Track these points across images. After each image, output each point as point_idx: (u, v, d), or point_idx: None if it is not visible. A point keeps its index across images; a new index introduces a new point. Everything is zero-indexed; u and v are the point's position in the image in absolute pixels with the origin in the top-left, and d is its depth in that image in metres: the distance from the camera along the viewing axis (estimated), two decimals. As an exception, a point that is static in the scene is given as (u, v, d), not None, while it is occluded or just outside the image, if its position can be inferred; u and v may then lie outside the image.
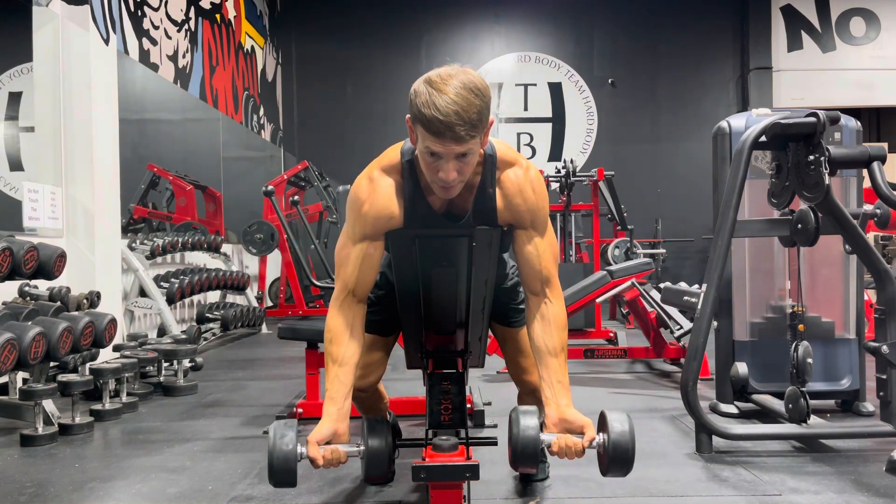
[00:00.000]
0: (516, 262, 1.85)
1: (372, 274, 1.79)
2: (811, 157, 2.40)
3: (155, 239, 5.18)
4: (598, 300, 4.56)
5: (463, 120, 1.51)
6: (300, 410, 3.14)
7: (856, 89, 10.06)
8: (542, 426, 1.69)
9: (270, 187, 5.87)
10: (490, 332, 2.09)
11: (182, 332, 4.72)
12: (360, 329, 1.80)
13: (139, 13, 5.86)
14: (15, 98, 5.82)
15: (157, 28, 6.22)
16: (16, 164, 5.85)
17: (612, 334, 5.26)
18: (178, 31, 6.74)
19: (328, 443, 1.67)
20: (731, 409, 3.09)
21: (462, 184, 1.66)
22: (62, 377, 3.18)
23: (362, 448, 1.71)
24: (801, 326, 2.64)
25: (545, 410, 1.75)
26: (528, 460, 1.65)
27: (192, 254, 6.19)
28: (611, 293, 4.44)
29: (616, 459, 1.61)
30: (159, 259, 5.28)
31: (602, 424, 1.67)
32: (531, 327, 1.80)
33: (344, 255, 1.79)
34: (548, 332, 1.78)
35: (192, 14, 7.09)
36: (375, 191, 1.73)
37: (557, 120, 10.37)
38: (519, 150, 9.59)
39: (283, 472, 1.60)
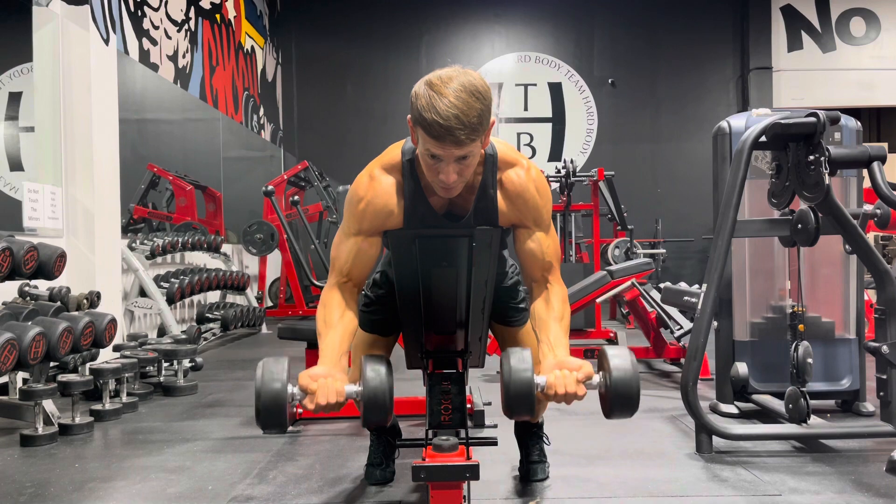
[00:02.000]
0: (518, 258, 1.85)
1: (366, 268, 1.80)
2: (811, 157, 2.40)
3: (155, 239, 5.18)
4: (598, 300, 4.56)
5: (463, 124, 1.51)
6: (300, 410, 3.13)
7: (856, 89, 10.06)
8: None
9: (270, 187, 5.88)
10: (490, 332, 2.09)
11: (182, 332, 4.72)
12: (354, 306, 1.78)
13: (139, 13, 5.86)
14: (15, 98, 5.82)
15: (157, 28, 6.22)
16: (16, 164, 5.85)
17: (612, 334, 5.26)
18: (178, 31, 6.74)
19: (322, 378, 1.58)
20: (731, 409, 3.09)
21: (463, 184, 1.66)
22: (62, 377, 3.17)
23: (361, 389, 1.61)
24: (801, 326, 2.64)
25: (542, 362, 1.68)
26: (523, 404, 1.57)
27: (192, 254, 6.19)
28: (611, 293, 4.44)
29: (619, 398, 1.53)
30: (159, 259, 5.28)
31: (602, 362, 1.60)
32: (534, 308, 1.80)
33: (339, 250, 1.80)
34: (550, 305, 1.78)
35: (192, 14, 7.09)
36: (374, 188, 1.73)
37: (557, 120, 10.37)
38: (519, 150, 9.60)
39: (272, 413, 1.51)
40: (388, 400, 1.62)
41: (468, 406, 2.76)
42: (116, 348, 3.97)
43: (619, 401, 1.53)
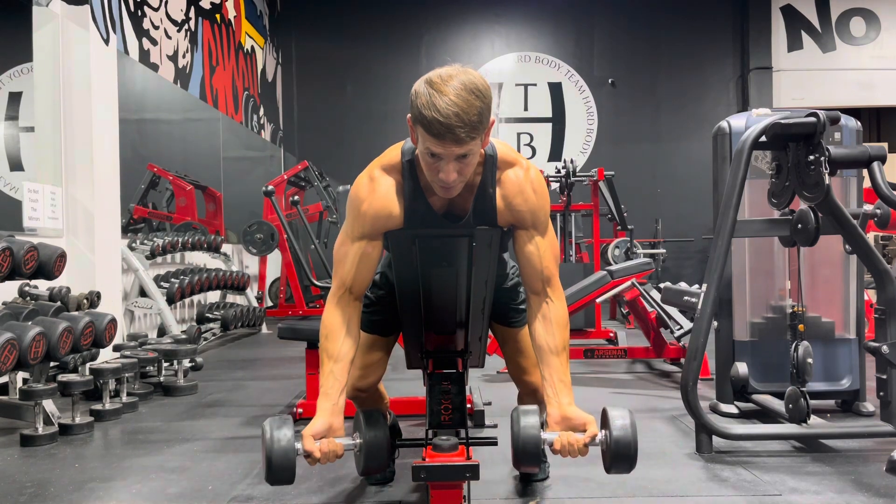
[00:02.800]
0: (517, 261, 1.84)
1: (369, 273, 1.79)
2: (811, 157, 2.40)
3: (155, 239, 5.18)
4: (598, 300, 4.56)
5: (463, 122, 1.51)
6: (300, 410, 3.14)
7: (856, 89, 10.06)
8: (543, 425, 1.69)
9: (270, 187, 5.87)
10: (490, 332, 2.09)
11: (182, 332, 4.72)
12: (356, 327, 1.79)
13: (139, 13, 5.86)
14: (15, 98, 5.82)
15: (157, 28, 6.22)
16: (16, 164, 5.85)
17: (612, 334, 5.27)
18: (178, 31, 6.74)
19: (323, 437, 1.66)
20: (731, 409, 3.09)
21: (462, 184, 1.66)
22: (62, 377, 3.17)
23: (359, 441, 1.70)
24: (801, 326, 2.64)
25: (547, 409, 1.74)
26: (530, 459, 1.65)
27: (192, 254, 6.19)
28: (611, 293, 4.44)
29: (619, 456, 1.60)
30: (159, 259, 5.28)
31: (604, 421, 1.67)
32: (532, 327, 1.80)
33: (342, 254, 1.79)
34: (549, 331, 1.77)
35: (192, 14, 7.09)
36: (375, 190, 1.73)
37: (557, 120, 10.37)
38: (519, 150, 9.60)
39: (281, 470, 1.58)
40: (386, 453, 1.74)
41: (468, 406, 2.76)
42: (116, 348, 3.97)
43: (618, 460, 1.61)
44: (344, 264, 1.78)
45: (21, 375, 3.18)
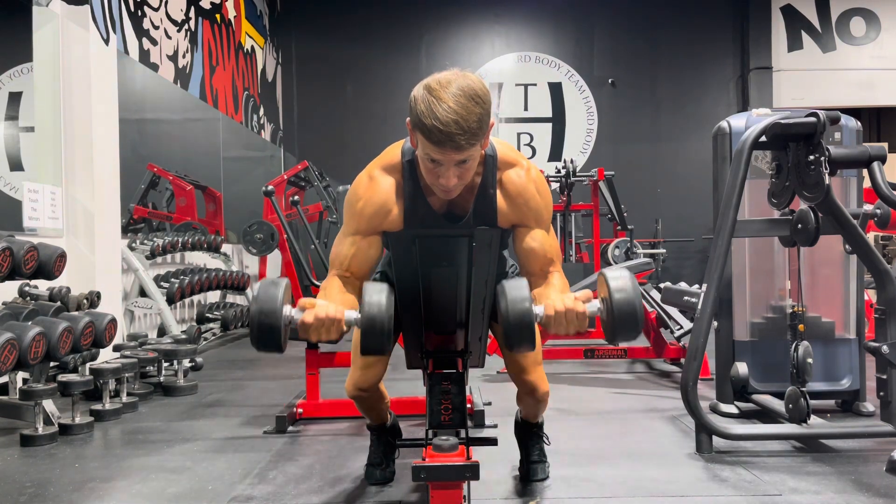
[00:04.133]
0: (518, 257, 1.85)
1: (364, 266, 1.80)
2: (811, 157, 2.40)
3: (155, 239, 5.18)
4: (598, 300, 4.55)
5: (463, 129, 1.51)
6: (300, 410, 3.14)
7: (856, 89, 10.05)
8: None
9: (270, 187, 5.84)
10: (490, 332, 2.09)
11: (182, 332, 4.72)
12: (354, 292, 1.76)
13: (139, 13, 5.86)
14: (15, 98, 5.82)
15: (157, 28, 6.22)
16: (16, 164, 5.85)
17: (612, 334, 5.26)
18: (178, 31, 6.74)
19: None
20: (732, 409, 3.09)
21: (462, 186, 1.66)
22: (62, 377, 3.17)
23: (359, 316, 1.56)
24: (801, 326, 2.64)
25: (544, 303, 1.61)
26: (524, 334, 1.52)
27: (192, 254, 6.19)
28: (611, 293, 4.43)
29: (621, 319, 1.47)
30: (159, 259, 5.28)
31: (601, 286, 1.54)
32: (535, 291, 1.77)
33: (337, 249, 1.81)
34: (549, 282, 1.77)
35: (192, 14, 7.09)
36: (373, 189, 1.74)
37: (557, 120, 10.37)
38: (519, 150, 9.59)
39: (267, 331, 1.47)
40: (388, 326, 1.55)
41: (468, 406, 2.76)
42: (116, 348, 3.97)
43: (621, 323, 1.47)
44: (339, 257, 1.80)
45: (21, 375, 3.18)
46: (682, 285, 4.59)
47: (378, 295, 1.54)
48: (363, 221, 1.74)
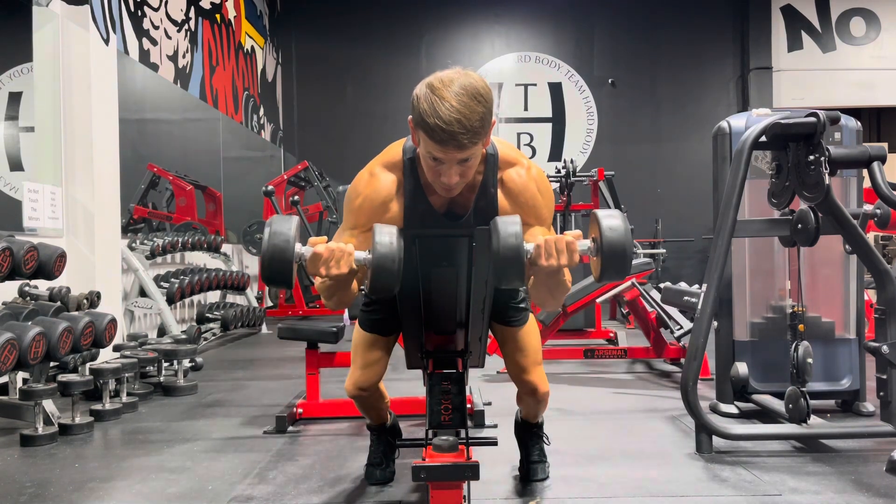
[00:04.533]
0: None
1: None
2: (811, 157, 2.40)
3: (155, 239, 5.18)
4: (598, 300, 4.56)
5: (465, 128, 1.51)
6: (300, 410, 3.14)
7: (856, 89, 10.06)
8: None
9: (270, 187, 5.88)
10: (490, 332, 2.09)
11: (182, 332, 4.72)
12: (354, 282, 1.76)
13: (139, 13, 5.86)
14: (15, 98, 5.82)
15: (157, 28, 6.22)
16: (16, 164, 5.85)
17: (612, 334, 5.26)
18: (178, 31, 6.74)
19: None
20: (731, 409, 3.09)
21: (463, 185, 1.66)
22: (62, 377, 3.17)
23: (369, 256, 1.55)
24: (801, 326, 2.64)
25: (534, 239, 1.59)
26: (513, 271, 1.50)
27: (192, 254, 6.19)
28: (611, 293, 4.44)
29: (610, 256, 1.46)
30: (159, 259, 5.28)
31: (592, 226, 1.53)
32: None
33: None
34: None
35: (192, 14, 7.09)
36: (373, 185, 1.73)
37: (557, 120, 10.37)
38: (519, 150, 9.59)
39: (279, 264, 1.47)
40: (398, 266, 1.54)
41: (468, 406, 2.76)
42: (116, 348, 3.97)
43: (610, 261, 1.46)
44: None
45: (21, 375, 3.18)
46: (682, 285, 4.59)
47: (388, 236, 1.53)
48: (362, 217, 1.74)
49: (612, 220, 1.47)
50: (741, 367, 3.05)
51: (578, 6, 10.33)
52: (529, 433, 2.30)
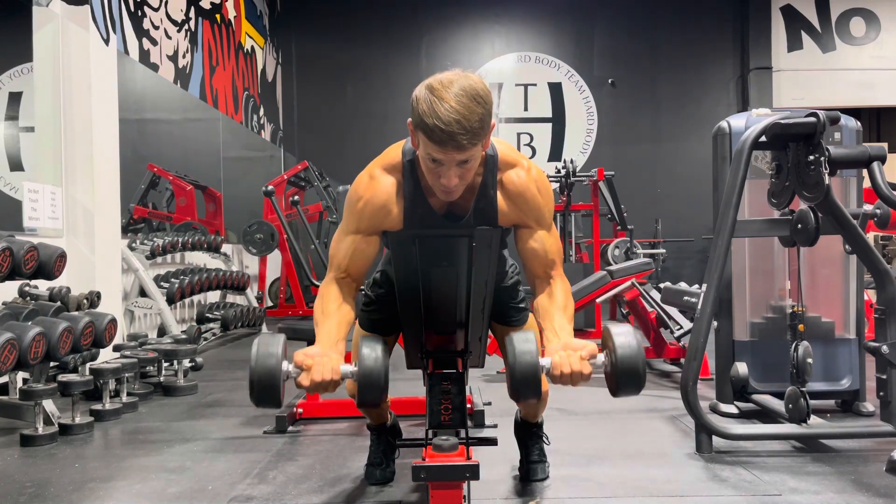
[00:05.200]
0: (521, 257, 1.85)
1: (363, 266, 1.80)
2: (811, 157, 2.40)
3: (155, 239, 5.18)
4: (598, 300, 4.56)
5: (465, 129, 1.51)
6: (300, 410, 3.14)
7: (856, 89, 10.06)
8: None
9: (270, 187, 5.87)
10: (490, 332, 2.09)
11: (182, 332, 4.72)
12: (351, 300, 1.78)
13: (139, 13, 5.86)
14: (15, 98, 5.82)
15: (157, 28, 6.22)
16: (16, 164, 5.85)
17: (612, 334, 5.25)
18: (178, 31, 6.74)
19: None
20: (731, 409, 3.09)
21: (463, 187, 1.66)
22: (62, 377, 3.17)
23: (356, 369, 1.59)
24: (801, 326, 2.64)
25: (547, 347, 1.66)
26: (530, 387, 1.55)
27: (192, 254, 6.19)
28: (611, 293, 4.44)
29: (625, 375, 1.51)
30: (159, 259, 5.28)
31: (606, 342, 1.58)
32: (538, 302, 1.80)
33: (336, 248, 1.81)
34: (553, 297, 1.78)
35: (192, 14, 7.09)
36: (374, 188, 1.74)
37: (557, 120, 10.37)
38: (519, 150, 9.59)
39: (266, 388, 1.50)
40: (384, 379, 1.60)
41: (468, 406, 2.76)
42: (116, 348, 3.97)
43: (624, 378, 1.51)
44: (337, 256, 1.80)
45: (21, 375, 3.18)
46: (682, 285, 4.59)
47: (373, 350, 1.59)
48: (363, 221, 1.75)
49: (625, 337, 1.52)
50: (741, 367, 3.05)
51: (578, 6, 10.33)
52: (529, 433, 2.30)
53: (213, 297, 6.51)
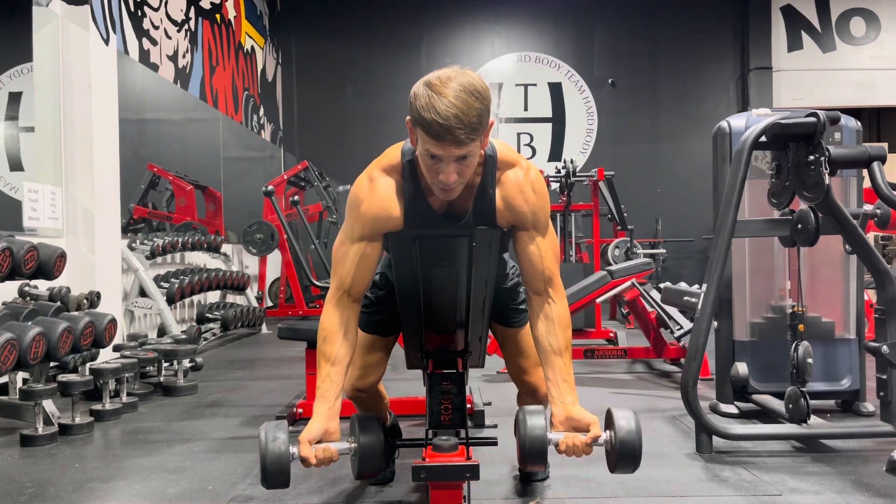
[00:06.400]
0: (518, 262, 1.84)
1: (368, 274, 1.79)
2: (811, 157, 2.40)
3: (155, 239, 5.18)
4: (598, 300, 4.56)
5: (463, 123, 1.51)
6: (300, 410, 3.14)
7: (856, 89, 10.06)
8: (548, 425, 1.70)
9: (270, 187, 5.88)
10: (490, 333, 2.09)
11: (182, 332, 4.72)
12: (354, 328, 1.79)
13: (139, 13, 5.86)
14: (15, 98, 5.82)
15: (157, 28, 6.22)
16: (16, 164, 5.85)
17: (612, 334, 5.26)
18: (178, 31, 6.74)
19: (319, 441, 1.66)
20: (731, 409, 3.09)
21: (462, 185, 1.66)
22: (62, 377, 3.18)
23: (354, 445, 1.70)
24: (801, 326, 2.64)
25: (552, 409, 1.74)
26: (537, 459, 1.66)
27: (192, 254, 6.19)
28: (611, 293, 4.44)
29: (624, 457, 1.62)
30: (159, 259, 5.28)
31: (609, 422, 1.67)
32: (535, 327, 1.80)
33: (341, 254, 1.79)
34: (552, 331, 1.77)
35: (192, 14, 7.09)
36: (375, 191, 1.73)
37: (557, 120, 10.37)
38: (519, 150, 9.61)
39: (276, 474, 1.59)
40: (380, 455, 1.72)
41: (468, 406, 2.76)
42: (116, 348, 3.97)
43: (623, 461, 1.62)
44: (343, 265, 1.78)
45: (21, 375, 3.18)
46: (682, 285, 4.59)
47: (368, 429, 1.72)
48: (367, 226, 1.73)
49: (627, 421, 1.63)
50: (741, 367, 3.05)
51: (578, 6, 10.33)
52: (529, 433, 2.29)
53: (213, 297, 6.51)
